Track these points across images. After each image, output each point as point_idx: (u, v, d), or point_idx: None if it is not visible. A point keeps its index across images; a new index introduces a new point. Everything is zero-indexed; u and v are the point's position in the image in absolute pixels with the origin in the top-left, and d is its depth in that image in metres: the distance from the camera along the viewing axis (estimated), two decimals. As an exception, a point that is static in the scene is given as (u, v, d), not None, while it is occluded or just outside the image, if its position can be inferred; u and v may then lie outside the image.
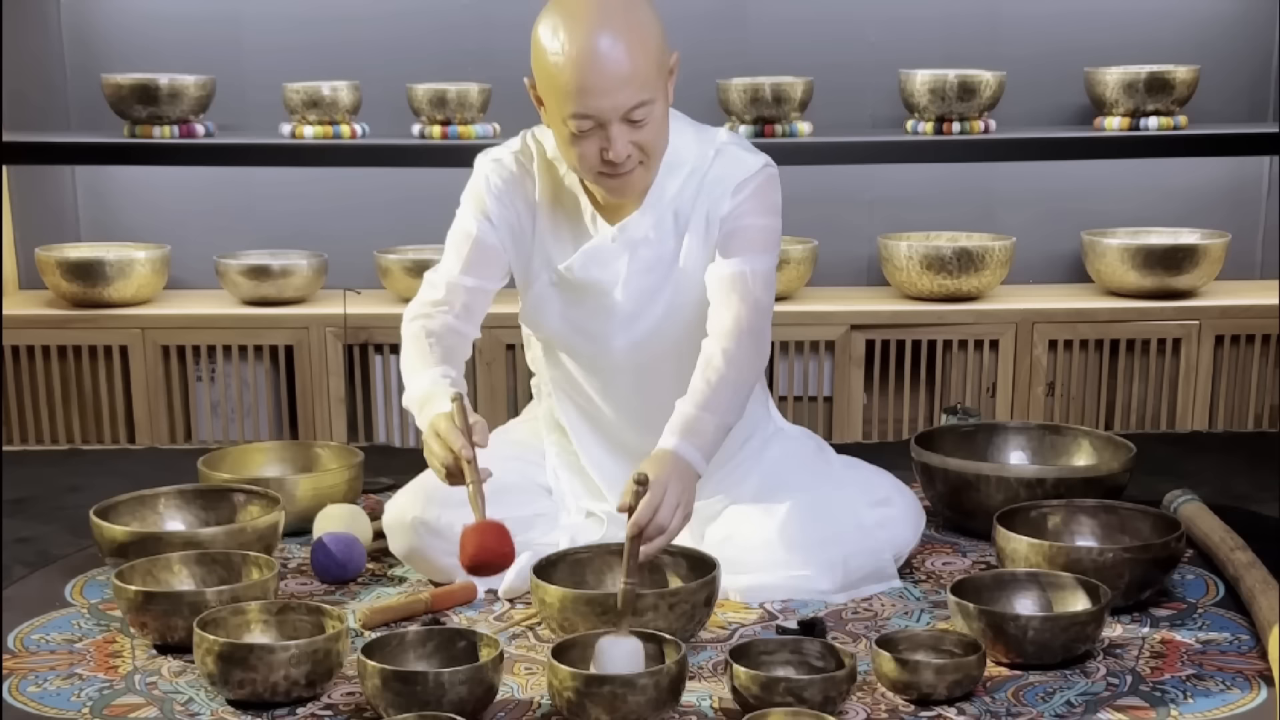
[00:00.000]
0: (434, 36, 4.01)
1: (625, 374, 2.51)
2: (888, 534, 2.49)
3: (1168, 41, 3.99)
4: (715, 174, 2.40)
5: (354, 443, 3.66)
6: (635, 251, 2.42)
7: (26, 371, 3.81)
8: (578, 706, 1.94)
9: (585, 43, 2.21)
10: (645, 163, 2.32)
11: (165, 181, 4.07)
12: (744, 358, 2.34)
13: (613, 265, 2.43)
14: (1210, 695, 2.08)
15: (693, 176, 2.41)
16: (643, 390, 2.50)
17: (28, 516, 2.98)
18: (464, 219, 2.49)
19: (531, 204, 2.46)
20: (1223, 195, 4.10)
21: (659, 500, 2.15)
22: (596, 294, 2.45)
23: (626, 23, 2.23)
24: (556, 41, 2.23)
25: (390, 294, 3.89)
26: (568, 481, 2.63)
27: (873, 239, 3.97)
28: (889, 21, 4.02)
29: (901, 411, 3.82)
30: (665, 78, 2.31)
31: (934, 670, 2.04)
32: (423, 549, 2.50)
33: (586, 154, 2.29)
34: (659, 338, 2.47)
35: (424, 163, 3.83)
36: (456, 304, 2.47)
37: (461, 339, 2.47)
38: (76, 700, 2.10)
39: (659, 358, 2.47)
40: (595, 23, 2.22)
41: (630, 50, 2.22)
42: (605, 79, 2.22)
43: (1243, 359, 3.80)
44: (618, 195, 2.37)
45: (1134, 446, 2.79)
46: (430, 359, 2.40)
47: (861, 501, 2.49)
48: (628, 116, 2.25)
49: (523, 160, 2.47)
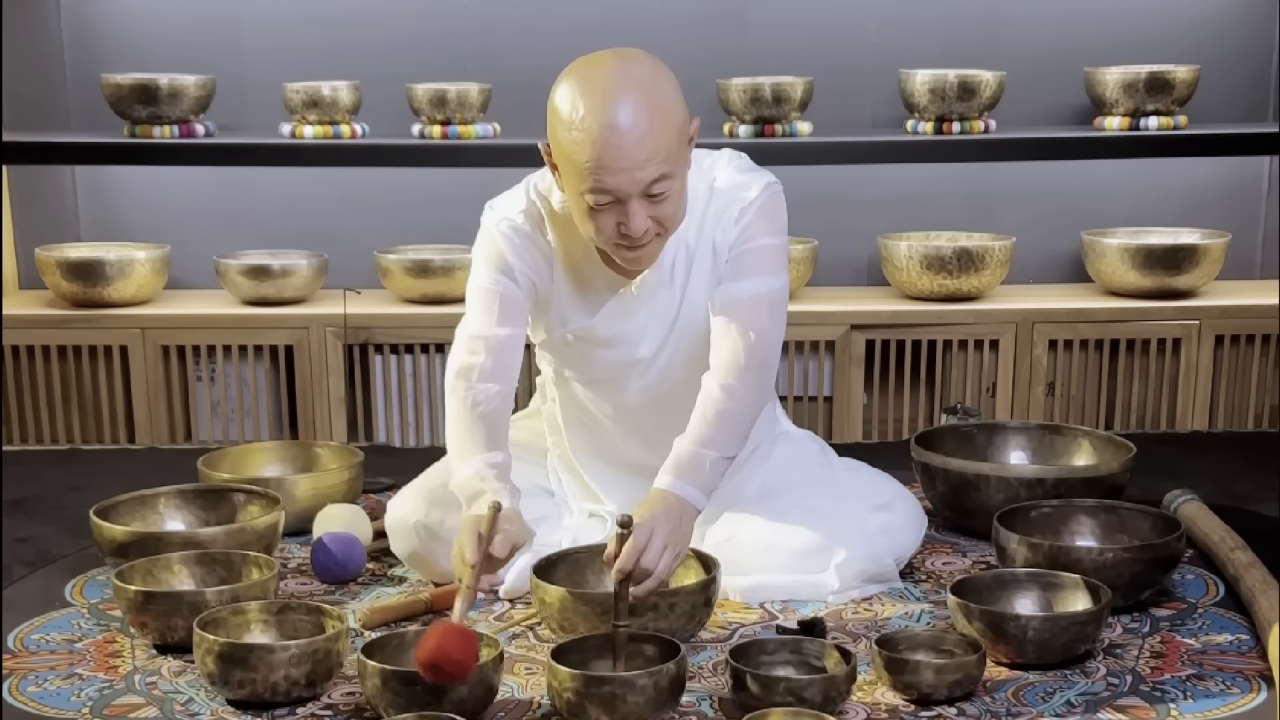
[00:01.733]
0: (434, 36, 4.00)
1: (636, 407, 2.51)
2: (889, 538, 2.49)
3: (1168, 41, 3.99)
4: (717, 205, 2.34)
5: (354, 443, 3.66)
6: (655, 300, 2.39)
7: (26, 371, 3.80)
8: (577, 707, 1.94)
9: (605, 119, 2.12)
10: (662, 234, 2.24)
11: (165, 181, 4.07)
12: (746, 391, 2.29)
13: (636, 317, 2.41)
14: (1210, 695, 2.08)
15: (693, 209, 2.33)
16: (653, 416, 2.49)
17: (28, 516, 2.98)
18: (482, 276, 2.39)
19: (548, 259, 2.39)
20: (1222, 195, 4.11)
21: (643, 544, 2.10)
22: (619, 346, 2.44)
23: (647, 95, 2.13)
24: (575, 115, 2.13)
25: (390, 294, 3.89)
26: (569, 483, 2.64)
27: (873, 239, 3.97)
28: (889, 21, 4.02)
29: (901, 411, 3.82)
30: (685, 148, 2.22)
31: (934, 670, 2.04)
32: (424, 552, 2.50)
33: (603, 227, 2.20)
34: (671, 372, 2.46)
35: (424, 163, 3.83)
36: (494, 361, 2.37)
37: (505, 401, 2.38)
38: (76, 700, 2.10)
39: (671, 389, 2.46)
40: (616, 97, 2.12)
41: (651, 125, 2.13)
42: (625, 158, 2.13)
43: (1243, 359, 3.80)
44: (633, 266, 2.31)
45: (1134, 446, 2.79)
46: (476, 441, 2.32)
47: (863, 506, 2.49)
48: (647, 192, 2.16)
49: (532, 217, 2.38)
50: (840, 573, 2.42)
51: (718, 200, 2.35)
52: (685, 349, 2.43)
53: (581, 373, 2.52)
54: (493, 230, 2.38)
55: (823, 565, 2.42)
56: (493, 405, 2.36)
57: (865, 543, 2.45)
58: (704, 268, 2.37)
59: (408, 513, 2.51)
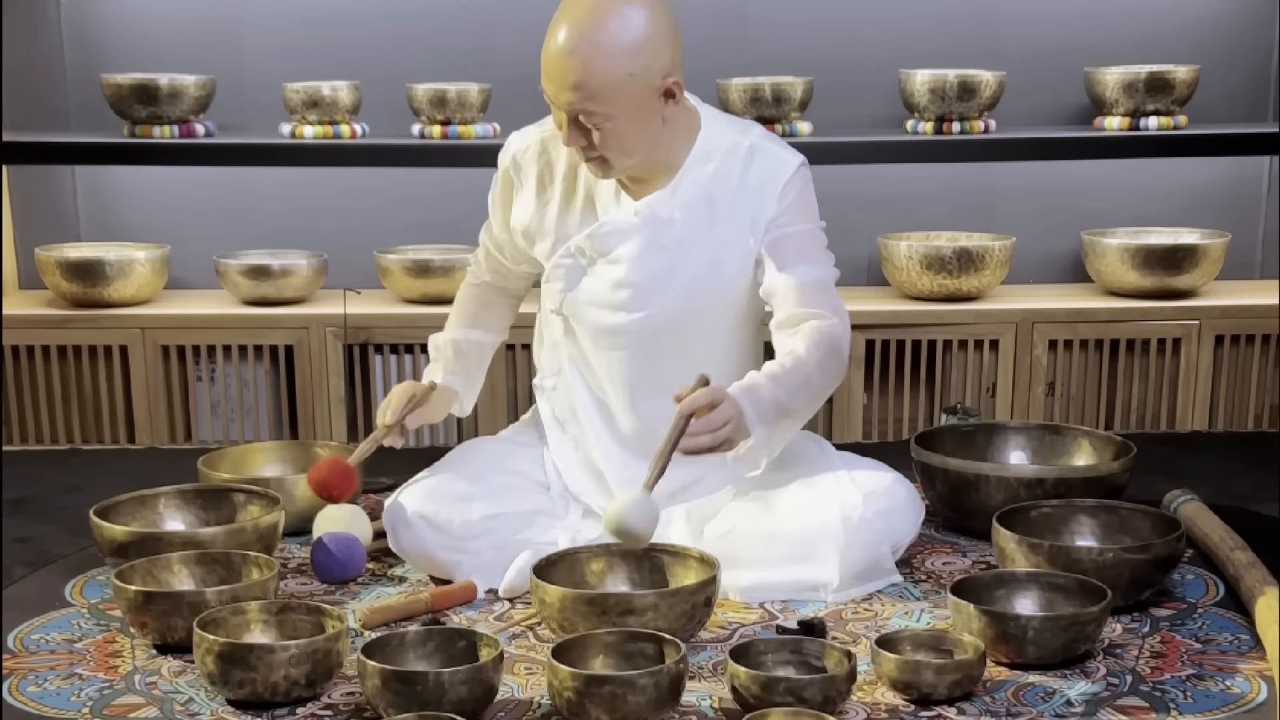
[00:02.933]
0: (434, 36, 4.01)
1: (634, 353, 2.53)
2: (886, 525, 2.49)
3: (1168, 41, 3.99)
4: (757, 174, 2.46)
5: (354, 443, 3.66)
6: (656, 229, 2.47)
7: (26, 371, 3.81)
8: (578, 706, 1.94)
9: (554, 34, 2.32)
10: (603, 161, 2.39)
11: (165, 181, 4.07)
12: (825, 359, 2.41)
13: (630, 240, 2.47)
14: (1210, 695, 2.08)
15: (727, 165, 2.47)
16: (649, 372, 2.52)
17: (28, 516, 2.98)
18: (491, 201, 2.66)
19: (555, 177, 2.53)
20: (1222, 195, 4.11)
21: (715, 400, 2.24)
22: (611, 265, 2.49)
23: (592, 31, 2.29)
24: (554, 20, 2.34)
25: (390, 294, 3.89)
26: (568, 475, 2.64)
27: (873, 239, 3.97)
28: (889, 21, 4.02)
29: (901, 411, 3.82)
30: (645, 98, 2.35)
31: (934, 670, 2.04)
32: (423, 544, 2.51)
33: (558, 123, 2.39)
34: (669, 318, 2.50)
35: (424, 163, 3.83)
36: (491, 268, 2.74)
37: (501, 295, 2.78)
38: (76, 700, 2.10)
39: (667, 339, 2.50)
40: (570, 23, 2.31)
41: (584, 60, 2.29)
42: (554, 75, 2.33)
43: (1243, 359, 3.80)
44: (592, 171, 2.44)
45: (1134, 446, 2.79)
46: (460, 318, 2.77)
47: (858, 494, 2.49)
48: (572, 114, 2.33)
49: (547, 138, 2.54)
50: (837, 562, 2.42)
51: (759, 163, 2.47)
52: (692, 299, 2.48)
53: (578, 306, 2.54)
54: (502, 156, 2.59)
55: (820, 555, 2.42)
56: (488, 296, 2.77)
57: (861, 530, 2.45)
58: (739, 227, 2.46)
59: (406, 504, 2.54)
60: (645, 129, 2.38)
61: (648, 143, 2.40)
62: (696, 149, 2.47)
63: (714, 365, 2.40)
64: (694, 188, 2.46)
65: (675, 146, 2.46)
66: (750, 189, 2.46)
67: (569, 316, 2.57)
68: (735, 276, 2.49)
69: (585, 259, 2.51)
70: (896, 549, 2.53)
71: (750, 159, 2.47)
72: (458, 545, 2.49)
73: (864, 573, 2.46)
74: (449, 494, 2.51)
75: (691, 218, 2.46)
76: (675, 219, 2.46)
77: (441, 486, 2.53)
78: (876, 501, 2.49)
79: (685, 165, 2.46)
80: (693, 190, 2.46)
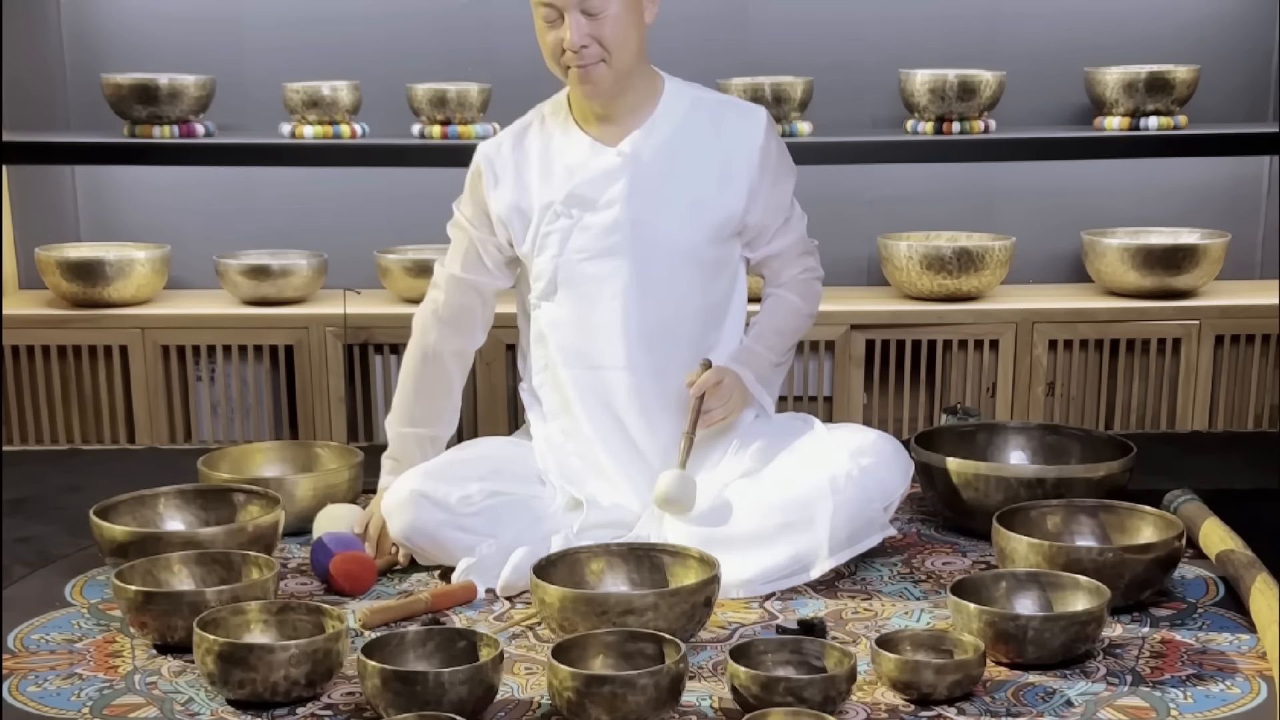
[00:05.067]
0: (434, 36, 4.00)
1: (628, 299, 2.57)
2: (875, 479, 2.52)
3: (1168, 41, 3.99)
4: (733, 121, 2.61)
5: (354, 443, 3.66)
6: (639, 167, 2.57)
7: (26, 371, 3.80)
8: (578, 706, 1.94)
9: None
10: (608, 60, 2.47)
11: (165, 181, 4.06)
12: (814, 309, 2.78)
13: (617, 180, 2.56)
14: (1210, 695, 2.08)
15: (697, 112, 2.60)
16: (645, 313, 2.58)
17: (28, 516, 2.98)
18: (458, 212, 2.70)
19: (531, 161, 2.61)
20: (1222, 195, 4.10)
21: (720, 376, 2.54)
22: (601, 212, 2.56)
23: None
24: None
25: (390, 294, 3.89)
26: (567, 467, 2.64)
27: (873, 239, 3.97)
28: (889, 21, 4.02)
29: (901, 411, 3.82)
30: None
31: (934, 670, 2.04)
32: (421, 522, 2.53)
33: (552, 44, 2.48)
34: (662, 255, 2.57)
35: (424, 163, 3.82)
36: (453, 301, 2.70)
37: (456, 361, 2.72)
38: (76, 700, 2.10)
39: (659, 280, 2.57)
40: None
41: None
42: None
43: (1243, 359, 3.80)
44: (589, 93, 2.51)
45: (1134, 446, 2.79)
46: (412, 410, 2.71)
47: (844, 451, 2.52)
48: (584, 7, 2.44)
49: (516, 129, 2.66)
50: (830, 521, 2.45)
51: (733, 111, 2.64)
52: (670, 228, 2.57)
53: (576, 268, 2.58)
54: (473, 163, 2.66)
55: (813, 518, 2.46)
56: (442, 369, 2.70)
57: (850, 486, 2.48)
58: (715, 167, 2.58)
59: (404, 484, 2.57)
60: (636, 23, 2.50)
61: (637, 40, 2.50)
62: (665, 97, 2.60)
63: (699, 300, 2.60)
64: (668, 128, 2.58)
65: (644, 92, 2.58)
66: (729, 133, 2.59)
67: (562, 283, 2.60)
68: (717, 212, 2.59)
69: (575, 214, 2.57)
70: (889, 505, 2.56)
71: (720, 108, 2.63)
72: (458, 522, 2.50)
73: (858, 532, 2.49)
74: (447, 474, 2.57)
75: (670, 154, 2.57)
76: (657, 156, 2.57)
77: (439, 469, 2.59)
78: (862, 458, 2.50)
79: (656, 111, 2.58)
80: (667, 130, 2.58)
